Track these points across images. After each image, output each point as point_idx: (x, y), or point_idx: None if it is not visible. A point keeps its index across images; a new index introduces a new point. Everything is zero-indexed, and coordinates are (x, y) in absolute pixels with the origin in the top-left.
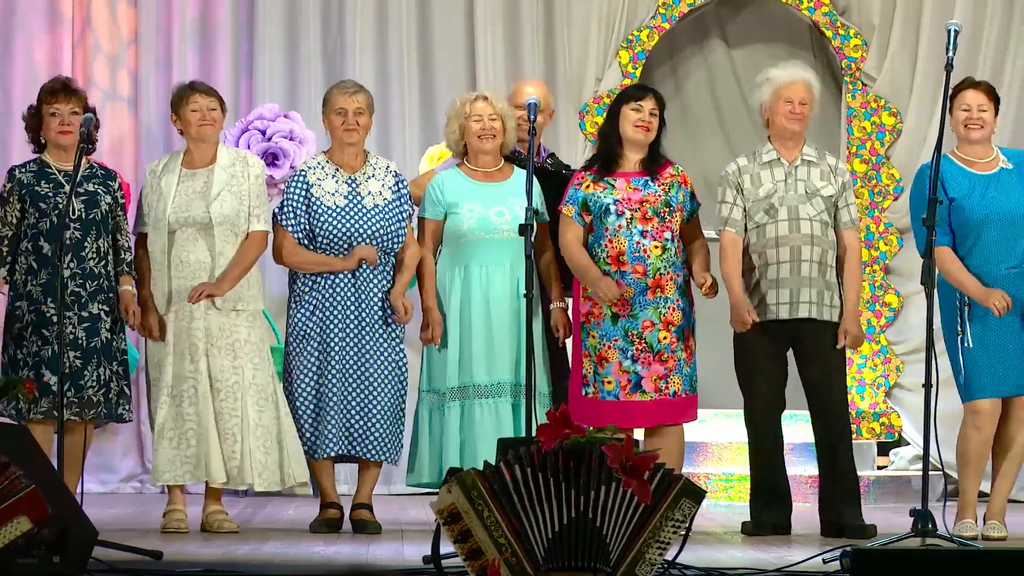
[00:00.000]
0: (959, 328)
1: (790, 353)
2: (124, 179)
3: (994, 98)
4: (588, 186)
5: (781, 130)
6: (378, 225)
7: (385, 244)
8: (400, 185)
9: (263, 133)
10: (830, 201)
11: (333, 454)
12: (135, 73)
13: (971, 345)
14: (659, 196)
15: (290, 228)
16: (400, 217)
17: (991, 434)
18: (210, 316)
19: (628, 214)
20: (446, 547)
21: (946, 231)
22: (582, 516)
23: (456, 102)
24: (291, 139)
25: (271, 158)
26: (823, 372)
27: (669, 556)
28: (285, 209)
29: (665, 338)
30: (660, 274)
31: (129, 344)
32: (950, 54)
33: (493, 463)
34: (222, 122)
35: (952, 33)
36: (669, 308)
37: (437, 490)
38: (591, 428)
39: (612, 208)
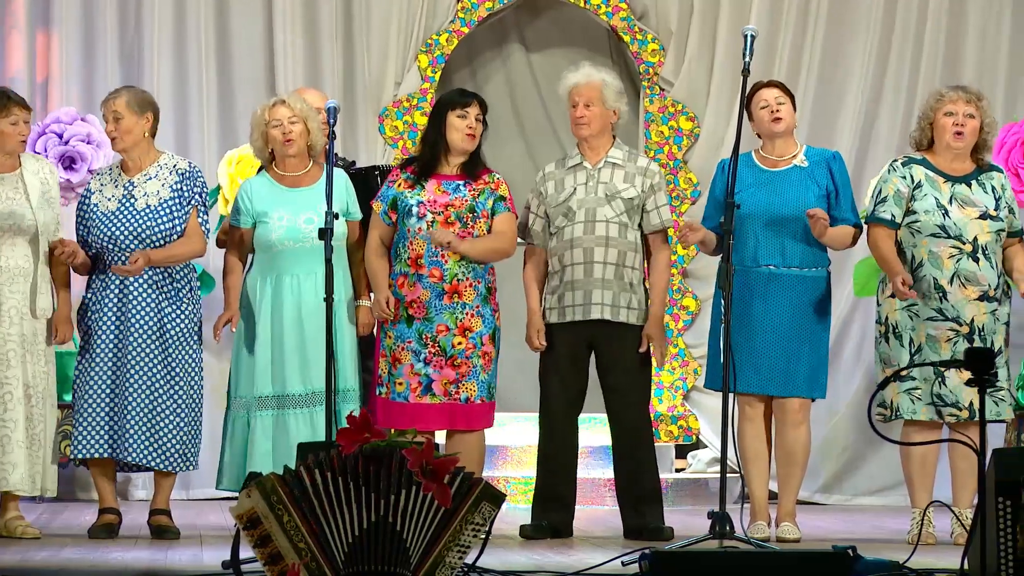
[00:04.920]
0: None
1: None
2: None
3: (788, 94)
4: (400, 185)
5: (574, 134)
6: (146, 225)
7: (158, 243)
8: (186, 181)
9: (60, 136)
10: (632, 203)
11: (86, 456)
12: None
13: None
14: (465, 201)
15: (79, 240)
16: (176, 214)
17: (763, 427)
18: (25, 322)
19: (430, 217)
20: (246, 552)
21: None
22: (382, 520)
23: (257, 111)
24: (89, 143)
25: (68, 162)
26: (620, 375)
27: (469, 559)
28: (76, 226)
29: (460, 343)
30: (458, 280)
31: None
32: (747, 59)
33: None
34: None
35: (748, 38)
36: (467, 314)
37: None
38: (392, 431)
39: (415, 210)
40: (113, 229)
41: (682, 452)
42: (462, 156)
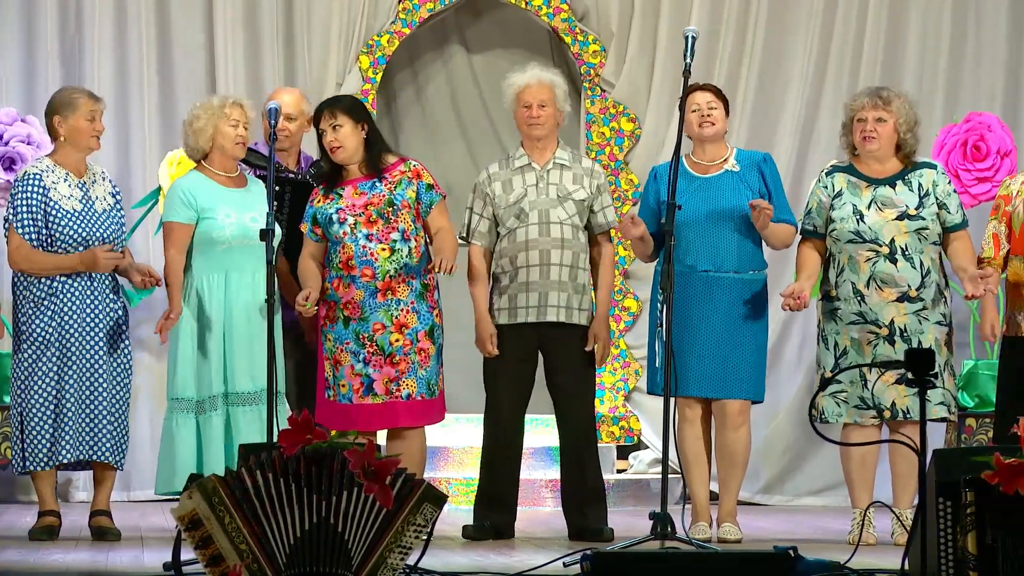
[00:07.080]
0: (659, 322)
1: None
2: None
3: (722, 98)
4: (318, 201)
5: (525, 135)
6: (109, 229)
7: (116, 247)
8: (116, 190)
9: (0, 137)
10: (583, 204)
11: (71, 460)
12: None
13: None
14: (383, 196)
15: (25, 233)
16: (121, 221)
17: (703, 429)
18: None
19: (351, 220)
20: (187, 553)
21: (651, 228)
22: (324, 521)
23: (214, 102)
24: (29, 143)
25: (8, 163)
26: (570, 376)
27: (411, 561)
28: (19, 214)
29: (397, 340)
30: (390, 276)
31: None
32: (687, 60)
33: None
34: None
35: (689, 39)
36: (402, 311)
37: None
38: (334, 432)
39: (335, 217)
40: (84, 229)
41: (623, 453)
42: (353, 163)
